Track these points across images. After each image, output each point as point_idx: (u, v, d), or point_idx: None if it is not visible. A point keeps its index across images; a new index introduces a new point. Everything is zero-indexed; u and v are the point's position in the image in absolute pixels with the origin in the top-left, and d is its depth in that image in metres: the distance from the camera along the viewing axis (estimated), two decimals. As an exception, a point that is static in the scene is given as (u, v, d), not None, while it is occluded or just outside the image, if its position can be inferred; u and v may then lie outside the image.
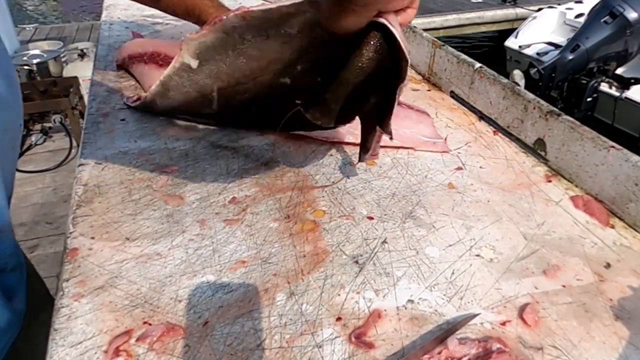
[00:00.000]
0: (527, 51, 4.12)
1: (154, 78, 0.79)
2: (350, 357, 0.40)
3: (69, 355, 0.39)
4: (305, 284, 0.46)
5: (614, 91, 3.62)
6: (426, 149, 0.68)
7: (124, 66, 0.87)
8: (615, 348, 0.42)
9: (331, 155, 0.67)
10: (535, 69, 3.68)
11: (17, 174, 0.52)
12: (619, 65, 3.67)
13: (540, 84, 3.65)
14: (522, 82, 3.88)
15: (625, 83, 3.61)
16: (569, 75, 3.64)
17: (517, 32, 4.32)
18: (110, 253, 0.48)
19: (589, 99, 3.68)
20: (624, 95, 3.56)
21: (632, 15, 3.54)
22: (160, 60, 0.81)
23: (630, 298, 0.47)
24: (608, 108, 3.68)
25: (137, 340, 0.40)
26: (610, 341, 0.42)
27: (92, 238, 0.50)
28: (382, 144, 0.68)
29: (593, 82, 3.63)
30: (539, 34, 4.23)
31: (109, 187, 0.58)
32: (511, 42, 4.27)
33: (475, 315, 0.43)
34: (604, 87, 3.65)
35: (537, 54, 4.07)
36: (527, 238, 0.53)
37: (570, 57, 3.57)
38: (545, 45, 4.11)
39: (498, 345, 0.40)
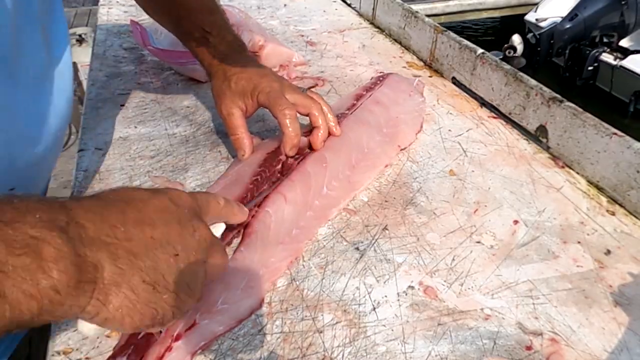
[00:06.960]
0: (543, 24, 4.23)
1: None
2: (350, 342, 0.40)
3: (71, 339, 0.39)
4: (306, 270, 0.47)
5: (611, 60, 3.82)
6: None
7: None
8: (614, 334, 0.42)
9: (332, 141, 0.67)
10: (532, 34, 3.91)
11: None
12: (621, 36, 3.87)
13: (539, 48, 3.88)
14: (520, 47, 4.05)
15: (627, 54, 3.79)
16: (567, 42, 3.89)
17: (537, 7, 4.48)
18: (111, 239, 0.48)
19: (590, 68, 3.90)
20: (619, 64, 3.75)
21: (626, -12, 3.78)
22: None
23: (630, 285, 0.47)
24: (606, 76, 3.87)
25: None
26: (610, 327, 0.43)
27: (93, 224, 0.50)
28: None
29: (594, 51, 3.85)
30: (559, 8, 4.34)
31: (109, 173, 0.58)
32: (530, 16, 4.43)
33: None
34: (606, 57, 3.84)
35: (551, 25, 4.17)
36: (528, 225, 0.53)
37: (568, 25, 3.83)
38: (561, 18, 4.18)
39: None
